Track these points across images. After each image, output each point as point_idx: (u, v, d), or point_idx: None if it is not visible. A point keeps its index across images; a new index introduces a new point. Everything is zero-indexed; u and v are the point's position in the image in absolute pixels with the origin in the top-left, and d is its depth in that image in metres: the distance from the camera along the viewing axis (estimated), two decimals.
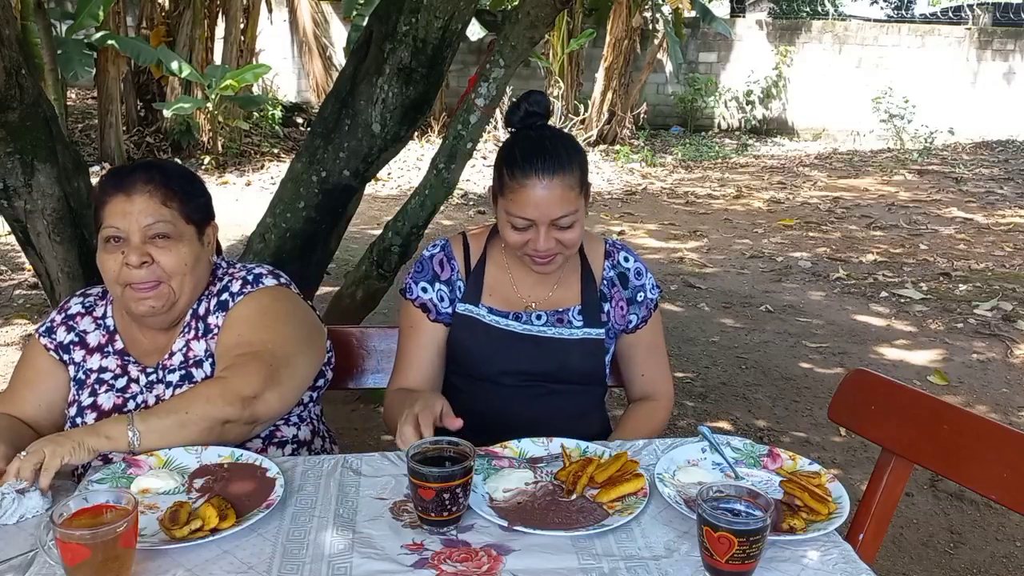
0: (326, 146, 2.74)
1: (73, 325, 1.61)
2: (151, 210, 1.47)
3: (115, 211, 1.47)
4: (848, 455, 3.22)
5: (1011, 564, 2.61)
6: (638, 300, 1.73)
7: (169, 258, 1.48)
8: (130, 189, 1.47)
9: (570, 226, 1.54)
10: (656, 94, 13.04)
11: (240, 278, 1.58)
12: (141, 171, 1.51)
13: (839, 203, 8.16)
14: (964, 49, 12.69)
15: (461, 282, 1.68)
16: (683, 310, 4.97)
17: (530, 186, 1.51)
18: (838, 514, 1.25)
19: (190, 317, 1.57)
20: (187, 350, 1.55)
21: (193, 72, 8.62)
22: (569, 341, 1.66)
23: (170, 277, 1.48)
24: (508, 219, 1.56)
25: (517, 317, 1.66)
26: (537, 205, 1.51)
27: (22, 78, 2.32)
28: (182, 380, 1.53)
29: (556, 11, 2.62)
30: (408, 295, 1.69)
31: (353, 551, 1.16)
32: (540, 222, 1.52)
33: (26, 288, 4.99)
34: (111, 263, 1.48)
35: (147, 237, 1.47)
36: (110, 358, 1.58)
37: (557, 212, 1.52)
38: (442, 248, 1.71)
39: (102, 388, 1.56)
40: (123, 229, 1.46)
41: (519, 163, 1.53)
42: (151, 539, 1.16)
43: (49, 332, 1.61)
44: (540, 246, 1.53)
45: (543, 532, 1.20)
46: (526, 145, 1.55)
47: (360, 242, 5.53)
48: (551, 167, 1.51)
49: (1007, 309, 4.91)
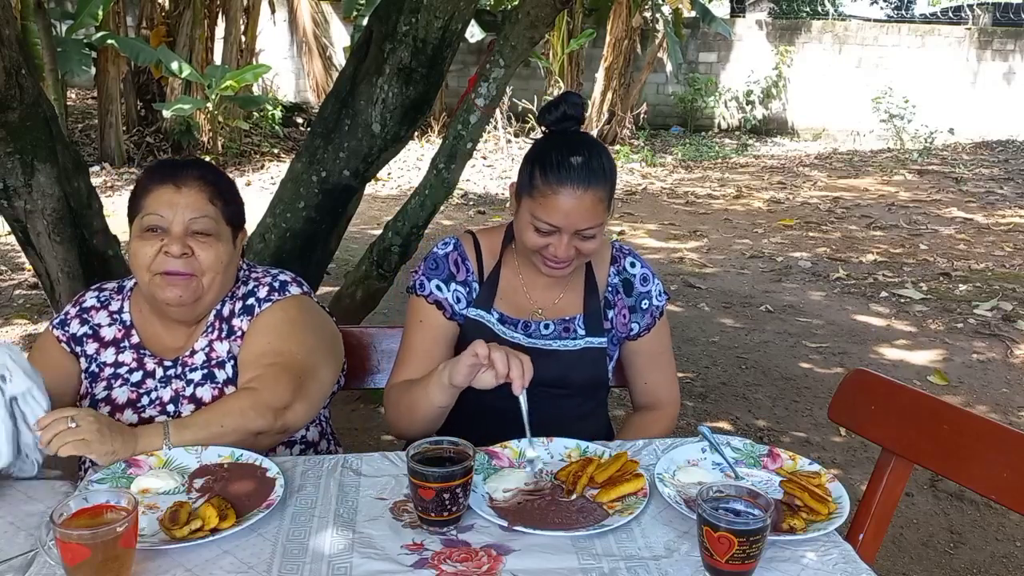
0: (326, 146, 2.74)
1: (87, 318, 1.61)
2: (198, 205, 1.48)
3: (161, 200, 1.48)
4: (848, 455, 3.22)
5: (1011, 564, 2.61)
6: (642, 308, 1.71)
7: (208, 254, 1.49)
8: (180, 181, 1.49)
9: (592, 237, 1.54)
10: (656, 94, 13.05)
11: (267, 284, 1.59)
12: (193, 166, 1.53)
13: (839, 203, 8.16)
14: (964, 49, 12.69)
15: (476, 283, 1.67)
16: (683, 310, 4.97)
17: (564, 194, 1.48)
18: (838, 514, 1.25)
19: (213, 317, 1.57)
20: (210, 350, 1.56)
21: (193, 72, 8.62)
22: (573, 352, 1.65)
23: (204, 273, 1.49)
24: (532, 221, 1.53)
25: (526, 326, 1.65)
26: (567, 214, 1.49)
27: (22, 78, 2.32)
28: (204, 379, 1.54)
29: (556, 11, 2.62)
30: (420, 291, 1.65)
31: (353, 551, 1.16)
32: (565, 231, 1.51)
33: (26, 288, 4.99)
34: (147, 249, 1.47)
35: (189, 231, 1.48)
36: (126, 353, 1.58)
37: (584, 224, 1.51)
38: (455, 247, 1.68)
39: (117, 382, 1.56)
40: (167, 218, 1.47)
41: (555, 168, 1.49)
42: (151, 539, 1.16)
43: (62, 324, 1.60)
44: (560, 254, 1.52)
45: (543, 532, 1.20)
46: (564, 151, 1.51)
47: (360, 242, 5.53)
48: (587, 179, 1.49)
49: (1007, 309, 4.91)
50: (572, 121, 1.56)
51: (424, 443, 1.28)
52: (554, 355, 1.64)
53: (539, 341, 1.65)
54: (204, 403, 1.53)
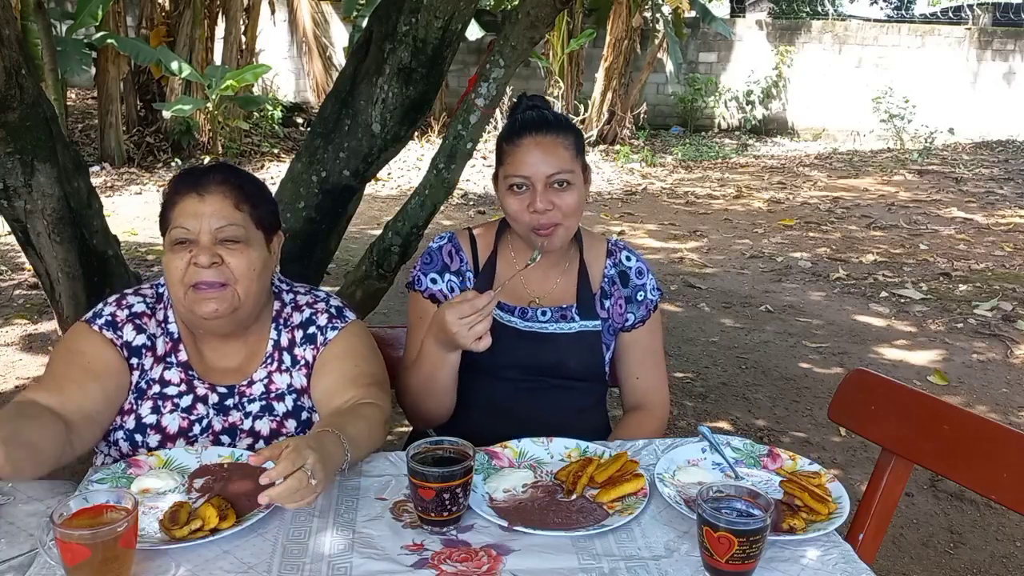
0: (326, 146, 2.74)
1: (143, 326, 1.49)
2: (224, 212, 1.43)
3: (186, 211, 1.42)
4: (848, 455, 3.22)
5: (1011, 564, 2.61)
6: (637, 299, 1.74)
7: (239, 261, 1.43)
8: (203, 189, 1.43)
9: (567, 189, 1.57)
10: (656, 94, 13.05)
11: (324, 312, 1.56)
12: (216, 172, 1.47)
13: (839, 203, 8.16)
14: (964, 49, 12.69)
15: (471, 272, 1.71)
16: (683, 310, 4.97)
17: (524, 144, 1.57)
18: (838, 514, 1.25)
19: (272, 348, 1.54)
20: (269, 382, 1.52)
21: (193, 72, 8.63)
22: (569, 336, 1.68)
23: (237, 281, 1.43)
24: (506, 182, 1.59)
25: (523, 312, 1.68)
26: (533, 163, 1.56)
27: (22, 78, 2.32)
28: (263, 411, 1.51)
29: (556, 11, 2.62)
30: (417, 286, 1.71)
31: (353, 551, 1.16)
32: (536, 179, 1.56)
33: (26, 288, 4.99)
34: (177, 263, 1.42)
35: (217, 240, 1.42)
36: (173, 370, 1.50)
37: (552, 168, 1.56)
38: (449, 240, 1.73)
39: (166, 406, 1.48)
40: (193, 230, 1.41)
41: (516, 128, 1.60)
42: (151, 539, 1.16)
43: (112, 327, 1.47)
44: (538, 204, 1.55)
45: (543, 532, 1.20)
46: (524, 116, 1.62)
47: (360, 242, 5.53)
48: (545, 126, 1.58)
49: (1007, 309, 4.91)
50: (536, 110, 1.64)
51: (424, 443, 1.28)
52: (551, 339, 1.67)
53: (536, 325, 1.67)
54: (262, 436, 1.49)
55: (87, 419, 1.38)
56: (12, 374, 3.81)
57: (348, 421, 1.37)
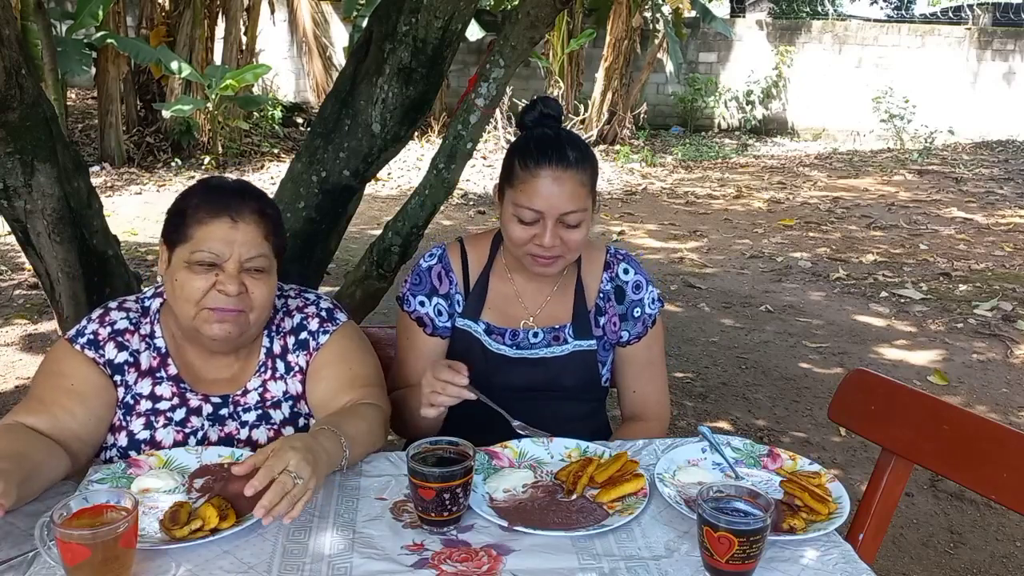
0: (326, 146, 2.73)
1: (125, 343, 1.47)
2: (256, 242, 1.40)
3: (216, 235, 1.38)
4: (848, 455, 3.22)
5: (1011, 564, 2.61)
6: (633, 316, 1.69)
7: (262, 291, 1.42)
8: (237, 215, 1.39)
9: (576, 226, 1.52)
10: (656, 94, 13.04)
11: (315, 316, 1.55)
12: (249, 199, 1.43)
13: (839, 203, 8.16)
14: (964, 49, 12.69)
15: (460, 295, 1.67)
16: (683, 310, 4.97)
17: (543, 177, 1.49)
18: (838, 514, 1.25)
19: (265, 356, 1.53)
20: (264, 390, 1.52)
21: (193, 72, 8.63)
22: (561, 357, 1.65)
23: (254, 309, 1.42)
24: (515, 211, 1.52)
25: (514, 336, 1.65)
26: (548, 197, 1.49)
27: (22, 78, 2.32)
28: (259, 420, 1.50)
29: (556, 11, 2.62)
30: (405, 307, 1.68)
31: (353, 551, 1.16)
32: (548, 215, 1.50)
33: (26, 288, 4.99)
34: (198, 283, 1.38)
35: (243, 268, 1.40)
36: (163, 385, 1.48)
37: (567, 207, 1.50)
38: (439, 259, 1.68)
39: (159, 421, 1.46)
40: (222, 256, 1.38)
41: (533, 154, 1.51)
42: (151, 539, 1.16)
43: (95, 346, 1.45)
44: (546, 241, 1.50)
45: (543, 532, 1.20)
46: (542, 139, 1.53)
47: (360, 242, 5.53)
48: (565, 160, 1.50)
49: (1007, 309, 4.91)
50: (551, 120, 1.58)
51: (424, 443, 1.28)
52: (542, 362, 1.65)
53: (527, 351, 1.64)
54: (260, 445, 1.47)
55: (78, 440, 1.39)
56: (12, 374, 3.81)
57: (347, 420, 1.38)
